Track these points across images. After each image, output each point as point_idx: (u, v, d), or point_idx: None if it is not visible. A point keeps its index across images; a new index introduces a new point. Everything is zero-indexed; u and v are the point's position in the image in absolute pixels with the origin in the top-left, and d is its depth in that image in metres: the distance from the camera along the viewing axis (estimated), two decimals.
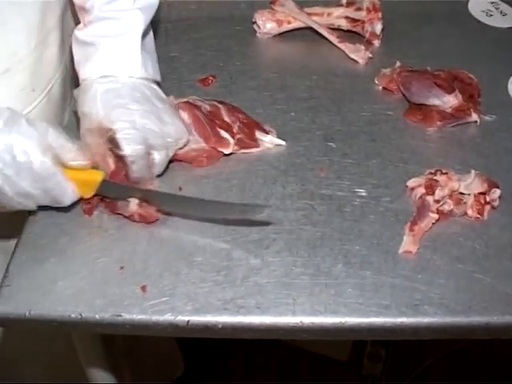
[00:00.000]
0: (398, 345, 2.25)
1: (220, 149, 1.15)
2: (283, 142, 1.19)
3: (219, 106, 1.19)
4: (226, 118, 1.17)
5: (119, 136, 1.03)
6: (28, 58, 1.13)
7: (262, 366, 2.31)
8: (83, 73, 1.12)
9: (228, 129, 1.16)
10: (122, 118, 1.04)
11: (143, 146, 1.04)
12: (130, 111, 1.05)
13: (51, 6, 1.19)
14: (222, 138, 1.15)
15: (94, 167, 1.03)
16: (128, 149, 1.03)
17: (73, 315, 0.93)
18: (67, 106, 1.30)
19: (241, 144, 1.16)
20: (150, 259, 1.00)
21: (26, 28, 1.12)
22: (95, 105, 1.06)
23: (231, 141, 1.15)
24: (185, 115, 1.13)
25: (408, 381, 2.24)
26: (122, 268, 0.99)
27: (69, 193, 0.99)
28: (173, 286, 0.96)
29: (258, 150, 1.18)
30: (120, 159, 1.04)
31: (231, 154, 1.17)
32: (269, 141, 1.18)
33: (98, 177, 1.02)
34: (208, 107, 1.17)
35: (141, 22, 1.12)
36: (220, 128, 1.15)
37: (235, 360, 2.33)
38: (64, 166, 0.98)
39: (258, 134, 1.18)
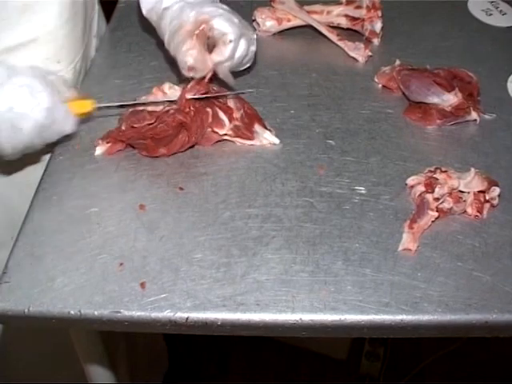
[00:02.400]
0: (396, 344, 2.26)
1: (215, 129, 1.17)
2: (277, 141, 1.19)
3: (227, 92, 1.20)
4: (231, 104, 1.18)
5: (218, 21, 1.12)
6: (57, 30, 1.19)
7: (260, 365, 2.31)
8: None
9: (227, 111, 1.17)
10: (214, 13, 1.14)
11: (237, 28, 1.14)
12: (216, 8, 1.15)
13: None
14: (220, 118, 1.16)
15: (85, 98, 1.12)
16: (228, 28, 1.12)
17: (72, 312, 0.93)
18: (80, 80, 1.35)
19: (236, 132, 1.17)
20: (150, 256, 1.00)
21: (59, 2, 1.17)
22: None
23: (226, 124, 1.16)
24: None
25: (406, 380, 2.25)
26: (121, 265, 0.99)
27: (70, 119, 1.07)
28: (172, 282, 0.96)
29: (252, 142, 1.19)
30: (219, 47, 1.13)
31: (228, 141, 1.19)
32: (265, 136, 1.19)
33: (88, 106, 1.11)
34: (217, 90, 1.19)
35: None
36: (220, 109, 1.16)
37: (234, 359, 2.33)
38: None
39: (257, 128, 1.18)
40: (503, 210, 1.09)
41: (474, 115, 1.24)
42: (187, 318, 0.92)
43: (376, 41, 1.45)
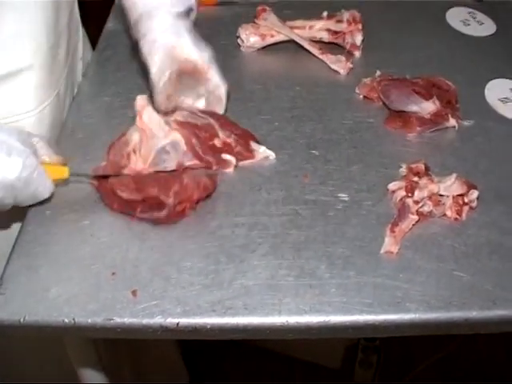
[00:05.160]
0: (389, 351, 2.28)
1: (223, 170, 1.18)
2: (273, 155, 1.22)
3: (211, 121, 1.20)
4: (221, 134, 1.19)
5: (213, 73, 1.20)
6: (47, 55, 1.20)
7: (254, 376, 2.31)
8: None
9: (228, 150, 1.18)
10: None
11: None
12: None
13: (63, 7, 1.26)
14: (225, 160, 1.18)
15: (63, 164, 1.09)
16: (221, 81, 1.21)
17: (66, 320, 0.95)
18: (67, 106, 1.35)
19: (239, 157, 1.19)
20: (141, 265, 1.03)
21: (46, 26, 1.18)
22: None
23: (233, 160, 1.18)
24: (182, 140, 1.14)
25: None
26: (113, 274, 1.01)
27: (48, 186, 1.05)
28: (163, 289, 0.99)
29: (252, 161, 1.21)
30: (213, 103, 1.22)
31: None
32: (262, 152, 1.21)
33: (64, 173, 1.08)
34: (202, 124, 1.18)
35: None
36: (221, 152, 1.17)
37: (227, 369, 2.35)
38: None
39: (253, 145, 1.20)
40: (482, 212, 1.13)
41: (452, 122, 1.28)
42: (178, 324, 0.95)
43: (357, 53, 1.49)
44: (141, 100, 1.12)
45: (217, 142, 1.17)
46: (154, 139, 1.12)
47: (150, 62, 1.16)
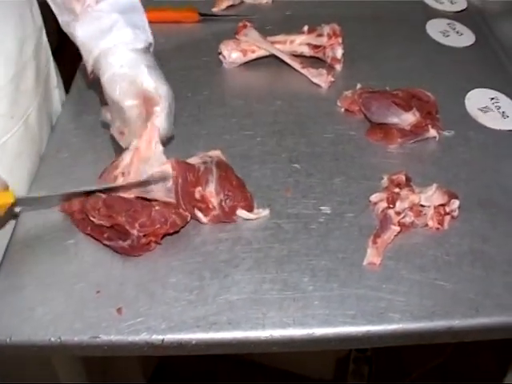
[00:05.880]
0: (380, 361, 2.28)
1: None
2: (266, 213, 1.16)
3: (213, 169, 1.15)
4: (209, 187, 1.13)
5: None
6: (6, 87, 1.18)
7: None
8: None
9: (204, 206, 1.13)
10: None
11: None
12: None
13: (27, 39, 1.25)
14: (196, 216, 1.13)
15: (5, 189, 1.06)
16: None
17: (52, 339, 0.96)
18: (44, 135, 1.34)
19: (214, 220, 1.14)
20: (126, 282, 1.04)
21: (4, 59, 1.17)
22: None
23: (203, 219, 1.13)
24: (171, 175, 1.11)
25: None
26: (98, 292, 1.02)
27: None
28: (148, 306, 1.00)
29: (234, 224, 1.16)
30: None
31: None
32: (248, 218, 1.15)
33: (9, 199, 1.04)
34: (199, 168, 1.15)
35: None
36: (195, 203, 1.13)
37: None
38: None
39: (239, 213, 1.14)
40: (463, 221, 1.14)
41: (432, 132, 1.29)
42: (163, 340, 0.96)
43: (338, 66, 1.51)
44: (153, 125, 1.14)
45: (196, 193, 1.13)
46: (146, 165, 1.12)
47: (113, 97, 1.16)
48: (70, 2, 1.18)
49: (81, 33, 1.19)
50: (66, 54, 1.51)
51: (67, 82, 1.49)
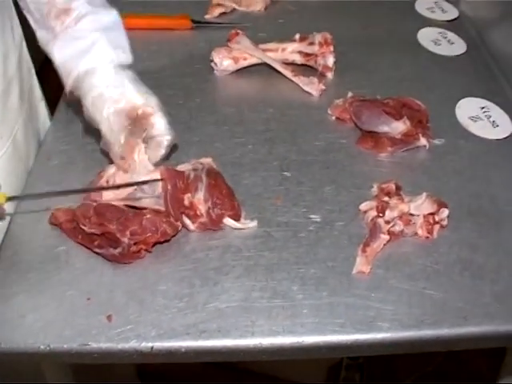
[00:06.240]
0: (372, 368, 2.28)
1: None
2: (254, 224, 1.16)
3: (203, 177, 1.15)
4: (198, 194, 1.13)
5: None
6: None
7: None
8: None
9: (192, 212, 1.13)
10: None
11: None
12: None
13: (10, 54, 1.23)
14: (184, 222, 1.14)
15: None
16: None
17: (42, 346, 0.96)
18: (31, 151, 1.33)
19: (201, 227, 1.14)
20: (116, 289, 1.04)
21: None
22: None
23: (191, 226, 1.14)
24: (160, 182, 1.12)
25: None
26: (88, 299, 1.02)
27: None
28: (138, 314, 1.00)
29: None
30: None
31: None
32: (235, 227, 1.15)
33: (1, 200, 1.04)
34: (188, 174, 1.15)
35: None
36: (184, 210, 1.13)
37: None
38: None
39: (226, 221, 1.14)
40: (453, 230, 1.15)
41: (423, 141, 1.30)
42: (152, 347, 0.96)
43: (329, 75, 1.51)
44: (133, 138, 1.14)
45: (186, 199, 1.13)
46: (133, 174, 1.13)
47: (100, 118, 1.14)
48: (49, 21, 1.16)
49: (59, 54, 1.16)
50: None
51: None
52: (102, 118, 1.14)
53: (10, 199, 1.05)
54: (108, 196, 1.13)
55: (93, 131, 1.24)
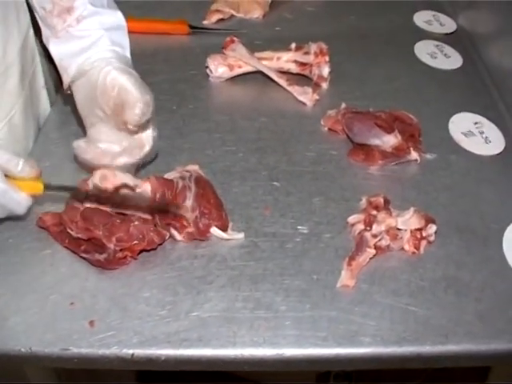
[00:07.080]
0: (361, 378, 2.28)
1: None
2: (241, 236, 1.16)
3: (192, 186, 1.15)
4: (188, 204, 1.14)
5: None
6: None
7: None
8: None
9: (178, 223, 1.13)
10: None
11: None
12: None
13: (12, 41, 1.25)
14: (171, 232, 1.13)
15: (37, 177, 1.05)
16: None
17: (23, 350, 0.96)
18: (30, 135, 1.36)
19: (189, 237, 1.13)
20: (100, 295, 1.04)
21: None
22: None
23: (178, 237, 1.13)
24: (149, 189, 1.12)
25: None
26: (72, 304, 1.02)
27: (23, 203, 1.02)
28: (120, 320, 1.00)
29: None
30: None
31: None
32: (222, 237, 1.15)
33: (40, 186, 1.04)
34: (177, 183, 1.14)
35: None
36: (170, 220, 1.13)
37: None
38: (13, 177, 1.01)
39: (213, 231, 1.14)
40: (440, 246, 1.14)
41: (414, 155, 1.30)
42: (132, 354, 0.96)
43: (324, 85, 1.51)
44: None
45: (171, 215, 1.13)
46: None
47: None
48: (51, 19, 1.17)
49: (57, 51, 1.18)
50: None
51: None
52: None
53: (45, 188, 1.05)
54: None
55: (84, 135, 1.25)
